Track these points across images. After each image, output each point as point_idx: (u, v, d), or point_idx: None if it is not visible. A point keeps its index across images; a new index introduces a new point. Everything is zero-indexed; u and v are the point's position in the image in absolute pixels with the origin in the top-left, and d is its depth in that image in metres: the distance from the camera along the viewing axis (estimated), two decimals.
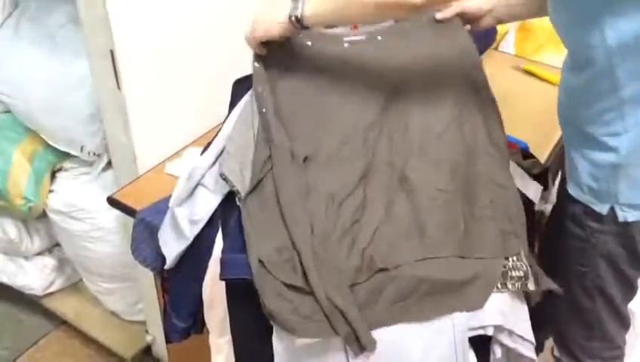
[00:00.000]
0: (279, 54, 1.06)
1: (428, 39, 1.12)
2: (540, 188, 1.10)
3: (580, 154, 1.00)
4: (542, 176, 1.18)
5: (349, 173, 0.98)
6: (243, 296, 0.89)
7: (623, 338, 1.17)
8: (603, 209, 0.99)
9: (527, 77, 1.68)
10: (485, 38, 1.68)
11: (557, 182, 1.19)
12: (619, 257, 1.03)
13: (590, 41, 0.89)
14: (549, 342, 1.71)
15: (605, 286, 1.06)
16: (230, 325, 0.96)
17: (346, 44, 1.10)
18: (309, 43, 1.10)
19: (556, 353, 1.71)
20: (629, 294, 1.10)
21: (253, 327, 0.89)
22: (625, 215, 0.98)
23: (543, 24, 1.75)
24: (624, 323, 1.14)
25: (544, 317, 1.02)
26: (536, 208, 1.17)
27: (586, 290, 1.08)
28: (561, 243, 1.07)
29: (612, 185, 0.97)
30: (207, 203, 1.00)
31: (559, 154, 1.37)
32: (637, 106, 0.91)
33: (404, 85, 1.07)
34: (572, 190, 1.03)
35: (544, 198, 1.22)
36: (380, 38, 1.12)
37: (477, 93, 1.07)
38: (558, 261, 1.09)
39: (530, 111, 1.49)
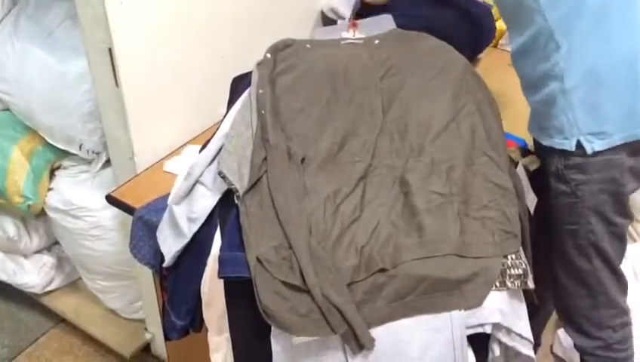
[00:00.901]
0: (280, 56, 1.06)
1: (423, 46, 1.12)
2: (536, 199, 1.10)
3: (537, 99, 1.07)
4: (540, 172, 1.17)
5: (348, 172, 0.98)
6: (241, 294, 0.89)
7: (626, 303, 1.18)
8: (571, 145, 1.03)
9: None
10: (485, 36, 1.68)
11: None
12: (605, 206, 1.05)
13: None
14: (548, 339, 1.72)
15: (598, 240, 1.08)
16: (229, 323, 0.96)
17: (344, 46, 1.10)
18: (308, 46, 1.10)
19: (556, 349, 1.72)
20: (621, 247, 1.12)
21: (251, 325, 0.89)
22: (592, 145, 1.01)
23: None
24: (623, 284, 1.15)
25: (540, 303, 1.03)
26: None
27: (581, 250, 1.09)
28: (551, 205, 1.10)
29: (570, 115, 1.02)
30: (206, 201, 1.00)
31: None
32: (565, 32, 0.98)
33: (403, 86, 1.07)
34: (544, 140, 1.08)
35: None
36: (377, 42, 1.12)
37: (475, 93, 1.07)
38: (551, 226, 1.11)
39: (528, 108, 1.49)
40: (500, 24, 1.81)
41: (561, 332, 1.69)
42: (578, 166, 1.04)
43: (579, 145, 1.02)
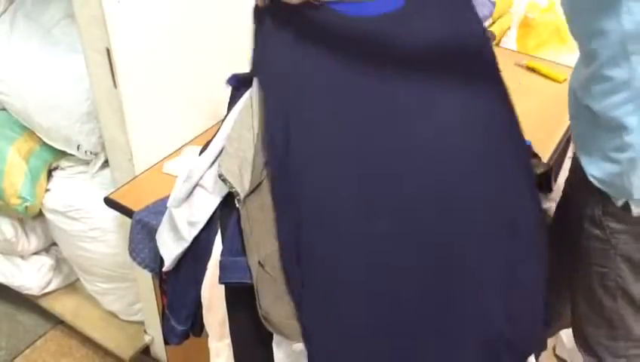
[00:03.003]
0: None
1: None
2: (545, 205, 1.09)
3: (595, 151, 0.98)
4: (545, 175, 1.16)
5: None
6: (243, 300, 0.88)
7: None
8: (618, 202, 0.98)
9: (530, 73, 1.67)
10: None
11: (562, 180, 1.18)
12: (637, 254, 1.02)
13: (605, 25, 0.86)
14: (551, 341, 1.71)
15: (626, 285, 1.06)
16: (230, 329, 0.95)
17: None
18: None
19: (559, 351, 1.71)
20: None
21: (253, 332, 0.88)
22: (639, 211, 0.97)
23: (545, 20, 1.74)
24: None
25: (553, 315, 1.02)
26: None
27: (607, 290, 1.07)
28: (580, 244, 1.07)
29: (626, 180, 0.95)
30: (206, 204, 0.99)
31: (561, 152, 1.36)
32: None
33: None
34: (597, 182, 1.00)
35: (548, 197, 1.21)
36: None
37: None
38: (577, 262, 1.09)
39: (532, 109, 1.48)
40: (501, 23, 1.80)
41: (564, 334, 1.68)
42: (617, 215, 1.00)
43: (625, 204, 0.98)
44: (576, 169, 1.06)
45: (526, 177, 0.98)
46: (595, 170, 0.99)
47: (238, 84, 1.10)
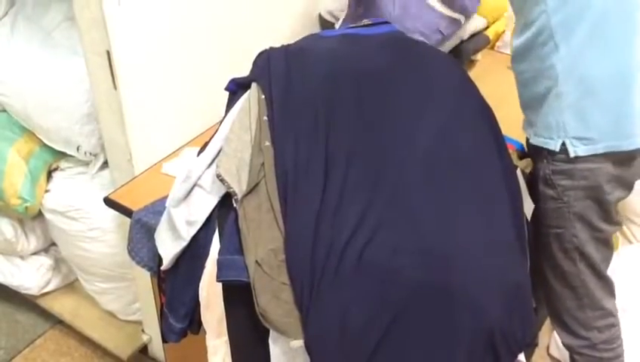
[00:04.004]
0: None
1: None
2: (532, 206, 1.12)
3: (529, 95, 1.10)
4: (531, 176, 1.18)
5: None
6: (240, 298, 0.89)
7: (613, 304, 1.21)
8: (556, 145, 1.05)
9: None
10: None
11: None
12: (590, 212, 1.08)
13: None
14: (545, 340, 1.73)
15: (582, 245, 1.11)
16: (227, 327, 0.96)
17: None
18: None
19: (552, 351, 1.73)
20: (606, 253, 1.15)
21: (250, 329, 0.89)
22: (575, 149, 1.04)
23: None
24: (608, 287, 1.19)
25: (538, 305, 1.05)
26: None
27: (566, 253, 1.12)
28: (539, 209, 1.12)
29: (559, 116, 1.05)
30: (204, 204, 1.00)
31: None
32: (566, 36, 1.01)
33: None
34: (533, 139, 1.11)
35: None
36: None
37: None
38: (538, 227, 1.14)
39: None
40: (496, 27, 1.82)
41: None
42: (565, 172, 1.07)
43: (563, 147, 1.05)
44: (527, 144, 1.14)
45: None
46: (531, 125, 1.11)
47: (237, 88, 1.12)
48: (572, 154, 1.05)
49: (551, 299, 1.21)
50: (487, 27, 1.73)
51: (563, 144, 1.05)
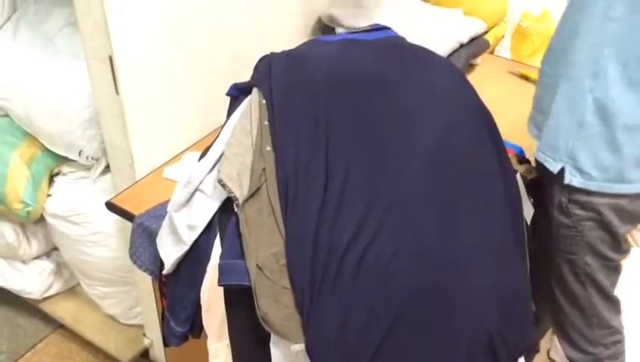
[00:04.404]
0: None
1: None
2: (532, 210, 1.12)
3: (549, 104, 1.08)
4: (537, 181, 1.18)
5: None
6: (241, 302, 0.90)
7: (619, 321, 1.22)
8: (555, 168, 1.05)
9: (523, 81, 1.69)
10: None
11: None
12: (602, 243, 1.09)
13: None
14: (546, 345, 1.73)
15: (593, 272, 1.12)
16: (228, 330, 0.97)
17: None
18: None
19: (553, 355, 1.73)
20: (615, 278, 1.16)
21: (251, 333, 0.90)
22: (571, 177, 1.04)
23: (538, 29, 1.77)
24: (616, 307, 1.20)
25: (539, 315, 1.05)
26: None
27: (577, 277, 1.13)
28: (551, 232, 1.12)
29: (571, 142, 1.03)
30: (206, 208, 1.01)
31: None
32: (605, 67, 0.97)
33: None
34: (537, 153, 1.10)
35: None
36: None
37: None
38: (549, 252, 1.15)
39: (525, 116, 1.49)
40: (495, 31, 1.83)
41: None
42: (580, 203, 1.06)
43: (561, 171, 1.05)
44: (538, 165, 1.12)
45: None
46: (539, 139, 1.10)
47: (238, 93, 1.12)
48: (566, 181, 1.04)
49: (558, 315, 1.22)
50: (486, 31, 1.74)
51: (562, 169, 1.05)
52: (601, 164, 1.02)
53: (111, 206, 1.25)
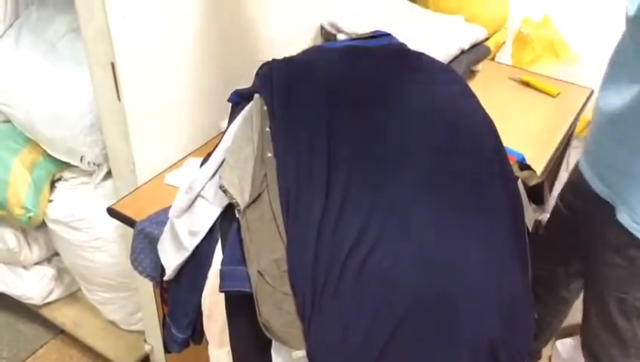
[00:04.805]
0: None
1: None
2: (534, 216, 1.11)
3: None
4: (538, 187, 1.18)
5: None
6: (242, 308, 0.90)
7: None
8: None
9: (524, 88, 1.69)
10: None
11: (557, 192, 1.20)
12: None
13: None
14: (547, 351, 1.73)
15: None
16: (230, 337, 0.97)
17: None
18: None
19: (555, 361, 1.73)
20: None
21: (252, 339, 0.90)
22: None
23: (539, 35, 1.77)
24: None
25: (542, 324, 1.04)
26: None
27: (624, 313, 1.11)
28: (598, 271, 1.10)
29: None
30: (207, 214, 1.01)
31: (556, 164, 1.38)
32: None
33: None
34: (620, 217, 1.04)
35: (541, 208, 1.23)
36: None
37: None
38: (594, 286, 1.12)
39: (526, 122, 1.50)
40: (496, 37, 1.83)
41: (559, 343, 1.70)
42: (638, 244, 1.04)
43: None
44: (595, 199, 1.06)
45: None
46: (632, 209, 1.01)
47: (239, 99, 1.13)
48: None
49: (594, 344, 1.21)
50: (487, 38, 1.74)
51: None
52: None
53: (112, 212, 1.25)
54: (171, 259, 1.03)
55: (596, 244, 1.08)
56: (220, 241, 0.99)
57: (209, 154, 1.09)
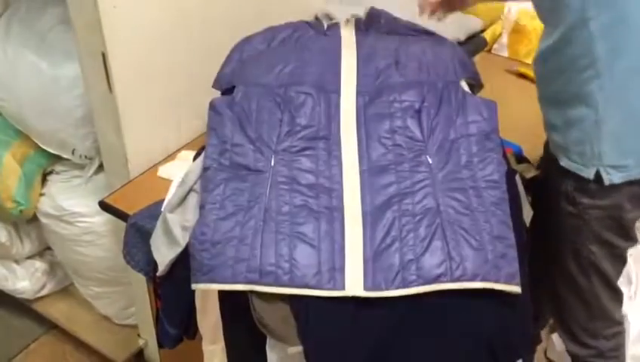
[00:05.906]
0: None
1: None
2: (531, 212, 1.11)
3: (561, 117, 1.04)
4: (535, 179, 1.18)
5: None
6: (236, 304, 0.88)
7: (620, 313, 1.21)
8: (590, 173, 1.02)
9: (521, 79, 1.69)
10: None
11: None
12: (609, 230, 1.06)
13: None
14: (542, 344, 1.73)
15: (598, 261, 1.09)
16: (223, 333, 0.96)
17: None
18: None
19: (550, 354, 1.73)
20: (620, 267, 1.14)
21: (246, 336, 0.89)
22: (610, 177, 1.01)
23: (536, 27, 1.76)
24: (619, 298, 1.18)
25: (539, 306, 1.04)
26: None
27: (581, 267, 1.11)
28: (554, 222, 1.10)
29: (596, 146, 1.00)
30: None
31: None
32: (611, 62, 0.94)
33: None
34: (562, 160, 1.06)
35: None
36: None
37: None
38: (552, 240, 1.12)
39: (523, 114, 1.49)
40: (493, 29, 1.82)
41: (555, 336, 1.70)
42: (588, 191, 1.03)
43: (597, 175, 1.01)
44: (546, 157, 1.11)
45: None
46: (561, 148, 1.05)
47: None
48: (607, 183, 1.00)
49: (561, 310, 1.21)
50: (484, 29, 1.73)
51: (597, 172, 1.01)
52: (632, 152, 1.00)
53: (104, 205, 1.24)
54: (164, 254, 1.02)
55: (556, 199, 1.09)
56: None
57: (203, 147, 1.08)
